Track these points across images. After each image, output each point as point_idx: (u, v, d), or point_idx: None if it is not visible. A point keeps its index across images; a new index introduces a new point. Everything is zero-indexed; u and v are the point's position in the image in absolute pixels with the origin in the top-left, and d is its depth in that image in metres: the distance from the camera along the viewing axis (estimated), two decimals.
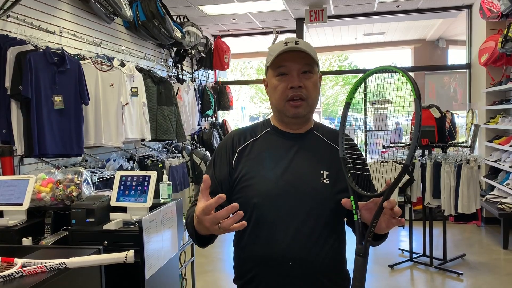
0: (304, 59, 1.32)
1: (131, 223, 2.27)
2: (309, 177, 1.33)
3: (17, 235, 2.18)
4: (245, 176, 1.35)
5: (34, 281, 1.30)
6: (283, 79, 1.33)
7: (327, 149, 1.40)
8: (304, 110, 1.34)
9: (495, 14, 4.97)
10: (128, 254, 1.40)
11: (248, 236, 1.35)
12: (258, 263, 1.33)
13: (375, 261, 4.46)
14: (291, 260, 1.28)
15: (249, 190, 1.33)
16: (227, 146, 1.41)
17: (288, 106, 1.34)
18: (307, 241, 1.29)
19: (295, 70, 1.32)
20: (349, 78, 20.84)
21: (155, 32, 4.50)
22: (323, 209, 1.31)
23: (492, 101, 5.69)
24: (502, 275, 4.10)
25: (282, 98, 1.34)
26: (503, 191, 5.22)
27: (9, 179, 2.39)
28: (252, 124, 1.50)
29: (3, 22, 2.96)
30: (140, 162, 4.39)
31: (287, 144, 1.39)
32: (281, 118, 1.40)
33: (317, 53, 1.38)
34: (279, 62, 1.33)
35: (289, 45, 1.31)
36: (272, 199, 1.31)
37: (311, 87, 1.34)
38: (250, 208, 1.32)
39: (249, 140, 1.41)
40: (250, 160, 1.37)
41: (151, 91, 4.37)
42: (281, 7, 5.95)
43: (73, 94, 3.17)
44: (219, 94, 7.02)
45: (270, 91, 1.38)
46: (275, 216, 1.30)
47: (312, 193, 1.31)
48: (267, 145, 1.39)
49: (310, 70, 1.34)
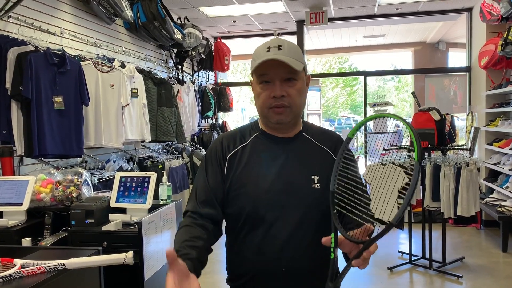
0: (287, 66, 1.26)
1: (130, 224, 2.27)
2: (300, 183, 1.32)
3: (17, 235, 2.19)
4: (237, 184, 1.34)
5: (34, 282, 1.30)
6: (265, 87, 1.30)
7: (317, 152, 1.39)
8: (287, 117, 1.32)
9: (495, 17, 4.98)
10: (127, 255, 1.40)
11: (241, 242, 1.34)
12: (252, 269, 1.32)
13: (374, 263, 4.46)
14: (284, 266, 1.28)
15: (241, 199, 1.32)
16: (217, 152, 1.39)
17: (272, 113, 1.32)
18: (300, 245, 1.30)
19: (278, 78, 1.28)
20: (349, 80, 20.86)
21: (155, 33, 4.50)
22: (315, 214, 1.31)
23: (492, 104, 5.69)
24: (501, 278, 4.10)
25: (265, 105, 1.32)
26: (502, 194, 5.22)
27: (9, 180, 2.39)
28: (240, 127, 1.48)
29: (4, 23, 2.96)
30: (140, 163, 4.39)
31: (276, 150, 1.37)
32: (267, 123, 1.39)
33: (317, 55, 1.37)
34: (262, 70, 1.29)
35: (271, 52, 1.27)
36: (264, 207, 1.30)
37: (295, 94, 1.31)
38: (243, 216, 1.32)
39: (238, 145, 1.39)
40: (240, 168, 1.35)
41: (151, 92, 4.37)
42: (281, 9, 5.96)
43: (73, 95, 3.18)
44: (219, 96, 7.03)
45: (255, 97, 1.37)
46: (267, 223, 1.30)
47: (303, 198, 1.31)
48: (257, 151, 1.37)
49: (294, 77, 1.30)
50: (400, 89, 21.33)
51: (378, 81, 20.46)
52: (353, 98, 22.13)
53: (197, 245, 1.21)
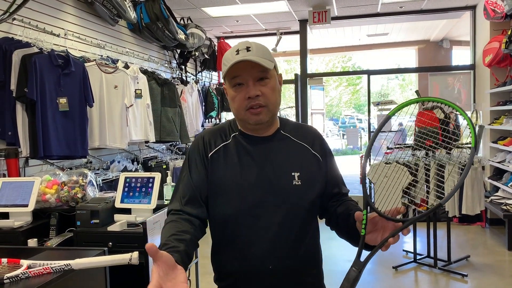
0: (258, 66, 1.28)
1: (135, 225, 2.28)
2: (281, 182, 1.33)
3: (23, 236, 2.20)
4: (218, 185, 1.34)
5: (40, 282, 1.31)
6: (239, 90, 1.31)
7: (296, 148, 1.40)
8: (265, 116, 1.32)
9: (499, 15, 4.95)
10: (132, 256, 1.41)
11: (226, 244, 1.35)
12: (238, 269, 1.33)
13: (379, 262, 4.46)
14: (270, 264, 1.29)
15: (223, 201, 1.33)
16: (199, 149, 1.39)
17: (249, 114, 1.32)
18: (284, 243, 1.31)
19: (250, 79, 1.29)
20: (353, 78, 20.80)
21: (159, 34, 4.51)
22: (297, 211, 1.33)
23: (496, 102, 5.67)
24: (506, 276, 4.08)
25: (241, 108, 1.32)
26: (507, 192, 5.19)
27: (14, 181, 2.41)
28: (220, 124, 1.48)
29: (8, 25, 2.98)
30: (144, 164, 4.41)
31: (256, 150, 1.37)
32: (245, 126, 1.39)
33: (320, 54, 1.37)
34: (233, 73, 1.30)
35: (240, 54, 1.28)
36: (247, 208, 1.31)
37: (269, 92, 1.31)
38: (225, 217, 1.33)
39: (220, 144, 1.39)
40: (221, 168, 1.35)
41: (155, 93, 4.38)
42: (284, 8, 5.95)
43: (77, 96, 3.19)
44: (222, 96, 7.03)
45: (230, 101, 1.36)
46: (251, 224, 1.30)
47: (285, 197, 1.32)
48: (237, 151, 1.37)
49: (266, 76, 1.31)
50: (404, 87, 21.27)
51: (382, 79, 20.40)
52: (357, 97, 22.09)
53: (185, 238, 1.20)
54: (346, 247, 1.30)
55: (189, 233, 1.23)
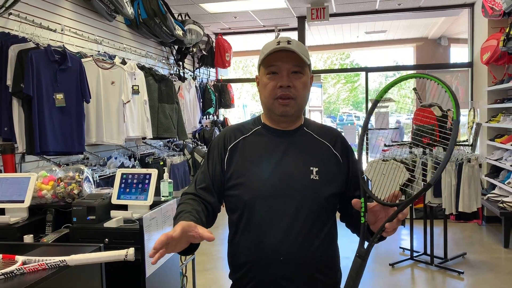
0: (295, 60, 1.33)
1: (132, 221, 2.27)
2: (299, 174, 1.35)
3: (19, 232, 2.19)
4: (236, 174, 1.37)
5: (35, 278, 1.30)
6: (273, 78, 1.35)
7: (317, 145, 1.42)
8: (292, 108, 1.36)
9: (497, 13, 4.95)
10: (128, 252, 1.41)
11: (241, 233, 1.37)
12: (251, 259, 1.35)
13: (375, 259, 4.47)
14: (282, 255, 1.30)
15: (240, 188, 1.36)
16: (219, 143, 1.44)
17: (277, 104, 1.36)
18: (297, 236, 1.31)
19: (285, 69, 1.34)
20: (351, 76, 20.81)
21: (156, 30, 4.50)
22: (313, 205, 1.33)
23: (494, 100, 5.68)
24: (503, 274, 4.10)
25: (271, 96, 1.36)
26: (504, 189, 5.21)
27: (10, 177, 2.40)
28: (243, 122, 1.52)
29: (4, 20, 2.96)
30: (141, 160, 4.40)
31: (277, 141, 1.40)
32: (270, 116, 1.42)
33: (318, 51, 1.39)
34: (271, 61, 1.35)
35: (281, 45, 1.32)
36: (263, 197, 1.33)
37: (300, 86, 1.36)
38: (241, 205, 1.35)
39: (239, 137, 1.43)
40: (240, 158, 1.39)
41: (152, 89, 4.37)
42: (282, 5, 5.94)
43: (74, 92, 3.18)
44: (220, 92, 7.02)
45: (260, 89, 1.41)
46: (266, 213, 1.32)
47: (302, 189, 1.33)
48: (257, 143, 1.41)
49: (300, 70, 1.35)
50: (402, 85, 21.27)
51: (380, 77, 20.40)
52: (355, 94, 22.09)
53: (199, 216, 1.27)
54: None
55: (203, 213, 1.32)
